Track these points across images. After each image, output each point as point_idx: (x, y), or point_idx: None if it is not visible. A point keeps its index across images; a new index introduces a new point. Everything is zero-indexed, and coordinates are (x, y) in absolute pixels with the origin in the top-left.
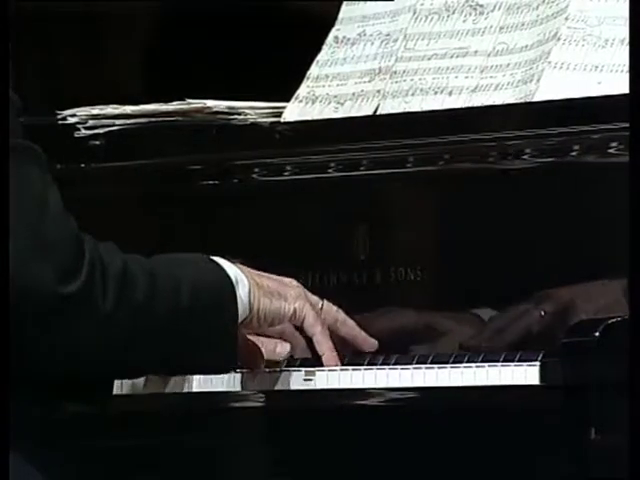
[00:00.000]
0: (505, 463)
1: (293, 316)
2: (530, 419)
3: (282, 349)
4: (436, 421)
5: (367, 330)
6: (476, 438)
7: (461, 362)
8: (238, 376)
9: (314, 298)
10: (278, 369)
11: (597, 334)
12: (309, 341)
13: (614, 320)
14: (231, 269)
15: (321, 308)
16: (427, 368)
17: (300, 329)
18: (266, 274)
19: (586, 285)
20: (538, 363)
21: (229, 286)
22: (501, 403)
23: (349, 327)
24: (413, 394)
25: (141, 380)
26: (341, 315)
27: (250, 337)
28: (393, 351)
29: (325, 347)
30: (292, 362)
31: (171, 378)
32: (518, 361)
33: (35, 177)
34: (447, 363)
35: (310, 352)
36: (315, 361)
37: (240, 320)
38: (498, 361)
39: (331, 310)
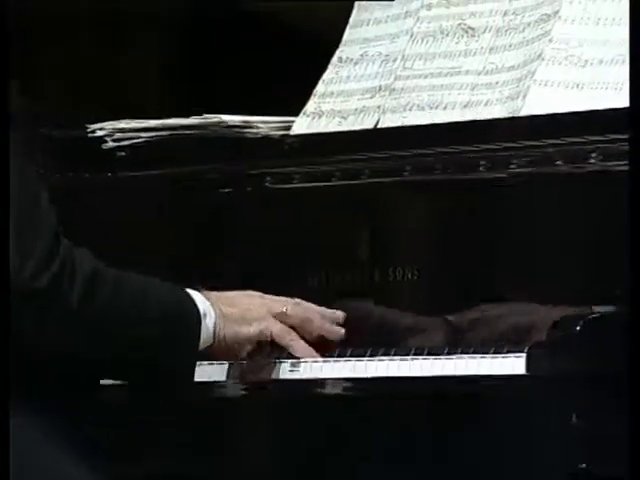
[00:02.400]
0: (494, 444)
1: (260, 336)
2: (517, 405)
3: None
4: (430, 407)
5: (368, 324)
6: (467, 422)
7: (454, 353)
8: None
9: (277, 307)
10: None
11: (578, 328)
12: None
13: (593, 316)
14: (202, 303)
15: (286, 312)
16: (424, 359)
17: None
18: (231, 297)
19: (568, 286)
20: (524, 355)
21: (195, 316)
22: (491, 391)
23: (314, 324)
24: (411, 383)
25: None
26: (305, 314)
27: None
28: (392, 344)
29: (299, 350)
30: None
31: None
32: (506, 353)
33: (27, 176)
34: (441, 355)
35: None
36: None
37: (203, 347)
38: (488, 353)
39: (296, 312)
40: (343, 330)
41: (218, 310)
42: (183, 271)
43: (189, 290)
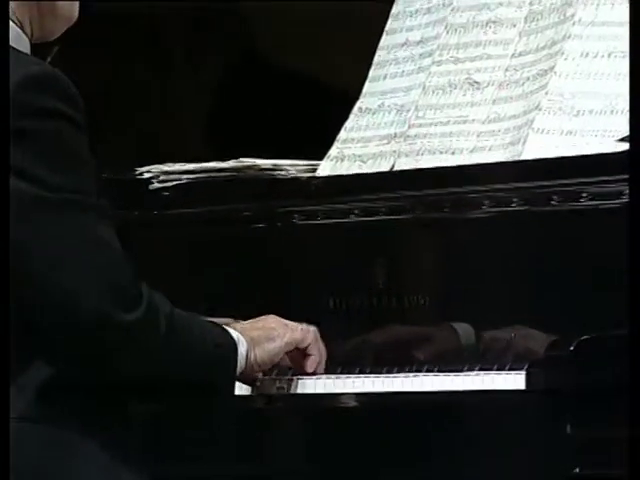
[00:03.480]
0: (495, 452)
1: (286, 347)
2: (517, 417)
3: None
4: (439, 418)
5: (383, 344)
6: (472, 433)
7: (461, 370)
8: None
9: (294, 324)
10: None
11: (572, 348)
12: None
13: (585, 337)
14: (234, 332)
15: (301, 329)
16: (434, 376)
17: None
18: (248, 323)
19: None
20: (524, 372)
21: (233, 345)
22: (493, 404)
23: (317, 348)
24: (423, 397)
25: None
26: (317, 334)
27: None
28: (405, 361)
29: (321, 355)
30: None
31: None
32: (508, 370)
33: (105, 232)
34: (449, 371)
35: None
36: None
37: (240, 370)
38: (492, 370)
39: (308, 331)
40: (318, 369)
41: (247, 337)
42: (222, 296)
43: (225, 326)
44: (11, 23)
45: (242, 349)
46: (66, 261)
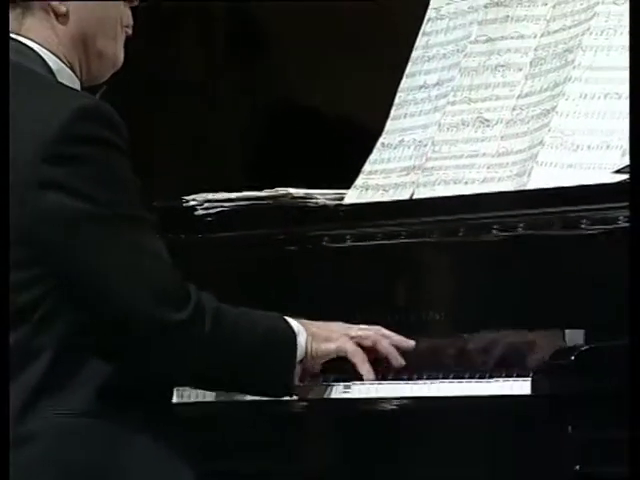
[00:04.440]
0: (503, 450)
1: (337, 352)
2: (523, 419)
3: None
4: (454, 419)
5: (405, 355)
6: (482, 433)
7: (473, 377)
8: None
9: (354, 331)
10: (325, 383)
11: (573, 358)
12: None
13: (585, 348)
14: (294, 324)
15: (361, 335)
16: (449, 382)
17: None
18: (318, 323)
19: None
20: (530, 378)
21: (292, 335)
22: (502, 407)
23: (381, 347)
24: (441, 402)
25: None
26: (376, 337)
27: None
28: (425, 370)
29: (364, 370)
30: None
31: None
32: (515, 377)
33: (153, 242)
34: (464, 378)
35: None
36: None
37: (299, 359)
38: (501, 377)
39: (368, 334)
40: (402, 361)
41: (308, 330)
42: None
43: (286, 317)
44: (63, 65)
45: (301, 339)
46: (121, 269)
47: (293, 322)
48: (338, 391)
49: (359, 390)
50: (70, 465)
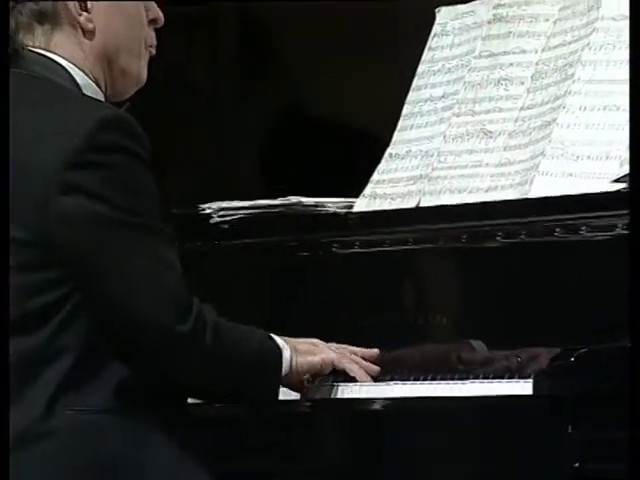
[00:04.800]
0: (507, 447)
1: (322, 363)
2: (525, 418)
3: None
4: (460, 418)
5: (413, 355)
6: (488, 430)
7: (478, 378)
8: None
9: (332, 345)
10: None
11: (572, 360)
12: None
13: (584, 350)
14: (280, 340)
15: (338, 349)
16: (454, 383)
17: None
18: (299, 340)
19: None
20: (531, 380)
21: (279, 350)
22: (506, 406)
23: (358, 355)
24: (447, 402)
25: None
26: (350, 348)
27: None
28: (432, 371)
29: (353, 370)
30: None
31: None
32: (518, 378)
33: (167, 252)
34: (468, 379)
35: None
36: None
37: (284, 372)
38: (504, 378)
39: (343, 350)
40: (377, 367)
41: (292, 346)
42: (270, 315)
43: (271, 335)
44: (89, 80)
45: (286, 354)
46: (135, 276)
47: (278, 339)
48: (338, 392)
49: (367, 390)
50: (89, 459)
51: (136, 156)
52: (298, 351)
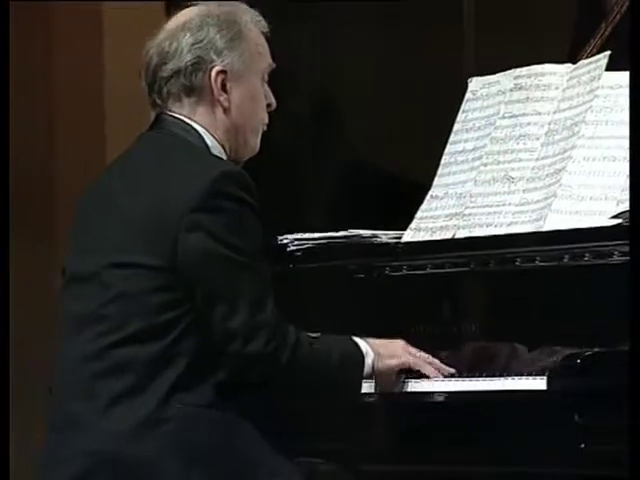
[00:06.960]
0: (524, 433)
1: (400, 366)
2: (540, 409)
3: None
4: (483, 409)
5: (450, 358)
6: (506, 421)
7: (502, 375)
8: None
9: (409, 347)
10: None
11: (579, 361)
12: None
13: (589, 353)
14: (363, 345)
15: (413, 351)
16: (482, 380)
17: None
18: (382, 342)
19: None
20: (545, 377)
21: (361, 356)
22: (523, 400)
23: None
24: (479, 395)
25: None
26: (420, 353)
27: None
28: (466, 369)
29: (428, 370)
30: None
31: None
32: (534, 376)
33: (265, 289)
34: (494, 376)
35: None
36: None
37: (367, 375)
38: (523, 375)
39: (419, 351)
40: (447, 367)
41: (375, 350)
42: (336, 327)
43: (355, 338)
44: (217, 144)
45: (369, 360)
46: (237, 305)
47: (362, 344)
48: (409, 386)
49: (428, 385)
50: (195, 442)
51: (249, 206)
52: (380, 355)
